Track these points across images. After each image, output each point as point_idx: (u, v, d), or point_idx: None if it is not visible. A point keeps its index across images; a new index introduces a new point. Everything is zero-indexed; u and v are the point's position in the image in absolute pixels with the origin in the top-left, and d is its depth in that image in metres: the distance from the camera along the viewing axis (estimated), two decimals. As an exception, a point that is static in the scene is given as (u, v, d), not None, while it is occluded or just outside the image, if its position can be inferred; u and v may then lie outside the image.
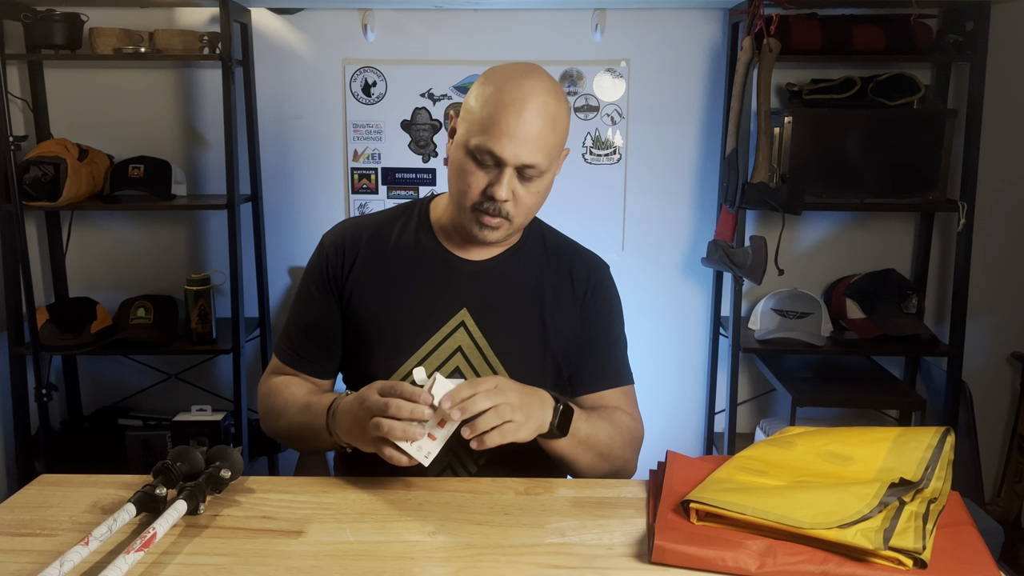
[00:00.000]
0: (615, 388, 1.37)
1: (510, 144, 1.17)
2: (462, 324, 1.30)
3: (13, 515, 1.08)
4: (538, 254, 1.37)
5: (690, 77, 2.71)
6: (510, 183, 1.20)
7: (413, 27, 2.68)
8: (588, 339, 1.36)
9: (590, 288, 1.37)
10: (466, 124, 1.22)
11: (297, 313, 1.38)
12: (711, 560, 0.94)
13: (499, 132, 1.17)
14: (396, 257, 1.34)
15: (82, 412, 2.84)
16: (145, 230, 2.78)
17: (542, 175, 1.22)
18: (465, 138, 1.21)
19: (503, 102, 1.17)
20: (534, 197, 1.24)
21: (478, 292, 1.32)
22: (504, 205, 1.21)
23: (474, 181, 1.21)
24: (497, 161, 1.19)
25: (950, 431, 1.15)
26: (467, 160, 1.21)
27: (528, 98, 1.17)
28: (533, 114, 1.17)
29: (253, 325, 2.73)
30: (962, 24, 2.49)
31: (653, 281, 2.82)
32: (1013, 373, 2.81)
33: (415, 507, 1.11)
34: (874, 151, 2.50)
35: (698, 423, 2.94)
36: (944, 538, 0.97)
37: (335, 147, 2.75)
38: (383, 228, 1.37)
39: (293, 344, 1.38)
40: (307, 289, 1.37)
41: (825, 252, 2.79)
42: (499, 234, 1.25)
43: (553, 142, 1.21)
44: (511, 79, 1.19)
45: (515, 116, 1.17)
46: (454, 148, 1.25)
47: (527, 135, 1.17)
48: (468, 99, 1.24)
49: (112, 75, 2.68)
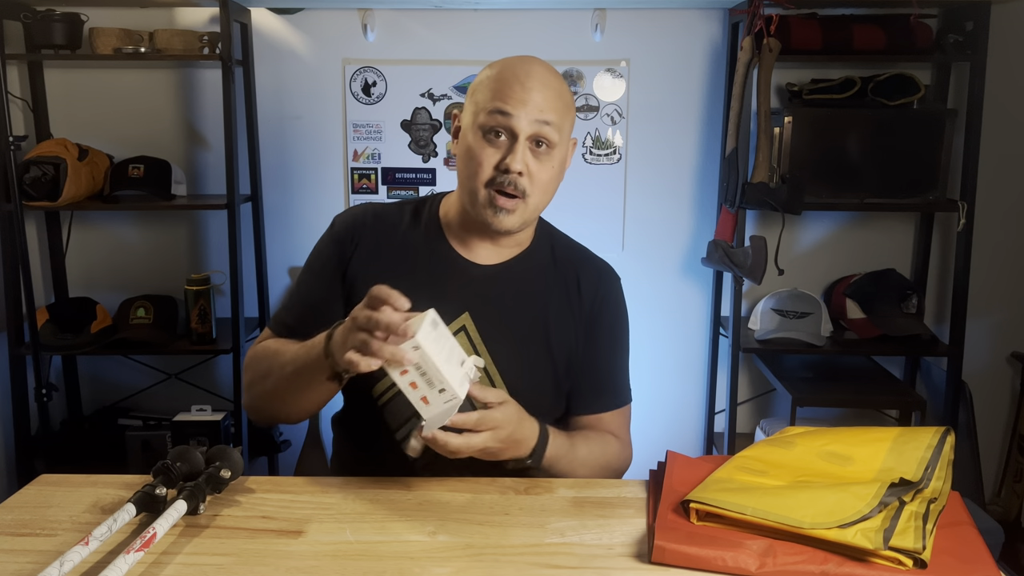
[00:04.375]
0: (613, 411, 1.35)
1: (521, 106, 1.18)
2: (463, 328, 1.27)
3: (13, 515, 1.08)
4: (546, 260, 1.34)
5: (690, 77, 2.71)
6: (524, 154, 1.19)
7: (413, 27, 2.68)
8: (591, 354, 1.33)
9: (598, 300, 1.34)
10: (472, 107, 1.23)
11: (300, 290, 1.34)
12: (711, 560, 0.94)
13: (509, 96, 1.18)
14: (402, 249, 1.31)
15: (82, 412, 2.83)
16: (145, 230, 2.78)
17: (555, 147, 1.22)
18: (473, 119, 1.22)
19: (509, 76, 1.20)
20: (548, 173, 1.22)
21: (482, 297, 1.29)
22: (520, 179, 1.20)
23: (486, 157, 1.20)
24: (510, 132, 1.19)
25: (950, 431, 1.15)
26: (477, 138, 1.21)
27: (532, 71, 1.20)
28: (540, 82, 1.20)
29: (253, 325, 2.73)
30: (962, 24, 2.49)
31: (653, 281, 2.81)
32: (1013, 373, 2.81)
33: (415, 507, 1.11)
34: (874, 151, 2.50)
35: (698, 423, 2.94)
36: (944, 538, 0.97)
37: (335, 147, 2.75)
38: (392, 217, 1.34)
39: (292, 319, 1.31)
40: (313, 268, 1.34)
41: (825, 252, 2.79)
42: (514, 218, 1.22)
43: (562, 108, 1.22)
44: (512, 61, 1.23)
45: (521, 85, 1.19)
46: (462, 137, 1.25)
47: (536, 100, 1.19)
48: (470, 90, 1.25)
49: (112, 75, 2.68)
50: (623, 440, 1.35)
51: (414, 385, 1.03)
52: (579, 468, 1.24)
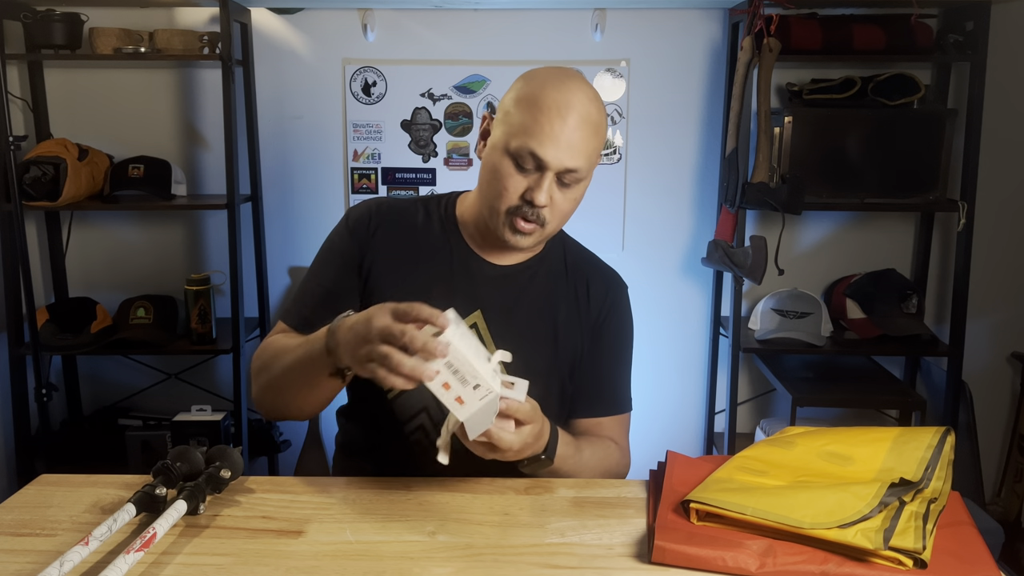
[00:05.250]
0: (613, 416, 1.35)
1: (553, 147, 1.15)
2: (474, 325, 1.27)
3: (13, 515, 1.08)
4: (558, 266, 1.35)
5: (690, 77, 2.71)
6: (550, 188, 1.17)
7: (413, 27, 2.68)
8: (595, 360, 1.34)
9: (605, 307, 1.34)
10: (505, 126, 1.19)
11: (314, 281, 1.32)
12: (711, 560, 0.94)
13: (542, 135, 1.15)
14: (419, 243, 1.31)
15: (82, 412, 2.83)
16: (145, 230, 2.78)
17: (580, 182, 1.20)
18: (504, 140, 1.18)
19: (547, 105, 1.15)
20: (570, 204, 1.22)
21: (495, 297, 1.29)
22: (542, 211, 1.19)
23: (512, 184, 1.18)
24: (539, 164, 1.16)
25: (950, 431, 1.15)
26: (505, 162, 1.18)
27: (572, 103, 1.15)
28: (577, 119, 1.15)
29: (253, 325, 2.73)
30: (962, 24, 2.49)
31: (653, 281, 2.82)
32: (1013, 373, 2.80)
33: (415, 507, 1.11)
34: (874, 151, 2.50)
35: (698, 423, 2.94)
36: (944, 538, 0.97)
37: (335, 147, 2.75)
38: (408, 211, 1.34)
39: (307, 311, 1.29)
40: (326, 259, 1.32)
41: (825, 252, 2.79)
42: (530, 240, 1.23)
43: (595, 148, 1.19)
44: (552, 82, 1.17)
45: (559, 120, 1.15)
46: (489, 150, 1.22)
47: (570, 140, 1.15)
48: (506, 101, 1.21)
49: (112, 75, 2.68)
50: (623, 448, 1.36)
51: (447, 386, 0.97)
52: (583, 470, 1.24)
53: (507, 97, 1.21)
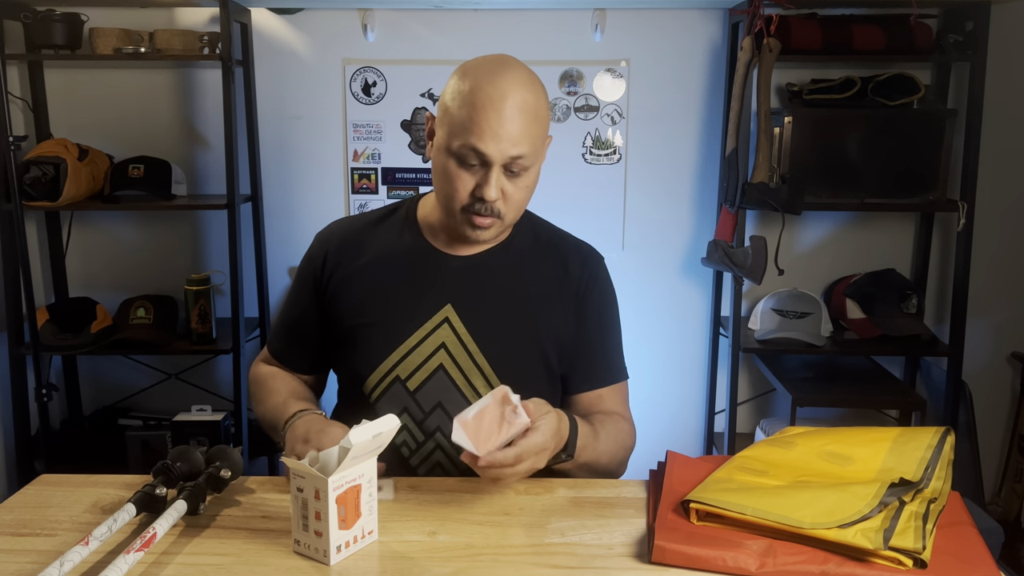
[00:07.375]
0: (611, 385, 1.36)
1: (493, 141, 1.15)
2: (446, 320, 1.28)
3: (13, 515, 1.08)
4: (529, 247, 1.35)
5: (690, 77, 2.71)
6: (498, 182, 1.18)
7: (413, 27, 2.68)
8: (584, 334, 1.35)
9: (584, 281, 1.35)
10: (445, 126, 1.20)
11: (283, 310, 1.43)
12: (711, 560, 0.94)
13: (480, 131, 1.15)
14: (379, 257, 1.33)
15: (82, 412, 2.83)
16: (145, 230, 2.78)
17: (528, 168, 1.21)
18: (446, 140, 1.19)
19: (480, 100, 1.15)
20: (523, 192, 1.23)
21: (463, 287, 1.30)
22: (494, 204, 1.20)
23: (461, 184, 1.19)
24: (483, 160, 1.17)
25: (950, 431, 1.15)
26: (451, 162, 1.19)
27: (505, 94, 1.16)
28: (513, 109, 1.16)
29: (253, 325, 2.73)
30: (962, 24, 2.49)
31: (653, 281, 2.82)
32: (1013, 373, 2.80)
33: (415, 507, 1.11)
34: (874, 151, 2.50)
35: (698, 423, 2.94)
36: (944, 538, 0.97)
37: (335, 147, 2.75)
38: (369, 228, 1.37)
39: (279, 345, 1.43)
40: (293, 288, 1.41)
41: (825, 252, 2.79)
42: (491, 233, 1.25)
43: (537, 132, 1.20)
44: (485, 75, 1.17)
45: (495, 113, 1.15)
46: (435, 151, 1.23)
47: (509, 131, 1.16)
48: (444, 99, 1.21)
49: (112, 75, 2.68)
50: (627, 417, 1.37)
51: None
52: (602, 454, 1.24)
53: (444, 95, 1.22)
